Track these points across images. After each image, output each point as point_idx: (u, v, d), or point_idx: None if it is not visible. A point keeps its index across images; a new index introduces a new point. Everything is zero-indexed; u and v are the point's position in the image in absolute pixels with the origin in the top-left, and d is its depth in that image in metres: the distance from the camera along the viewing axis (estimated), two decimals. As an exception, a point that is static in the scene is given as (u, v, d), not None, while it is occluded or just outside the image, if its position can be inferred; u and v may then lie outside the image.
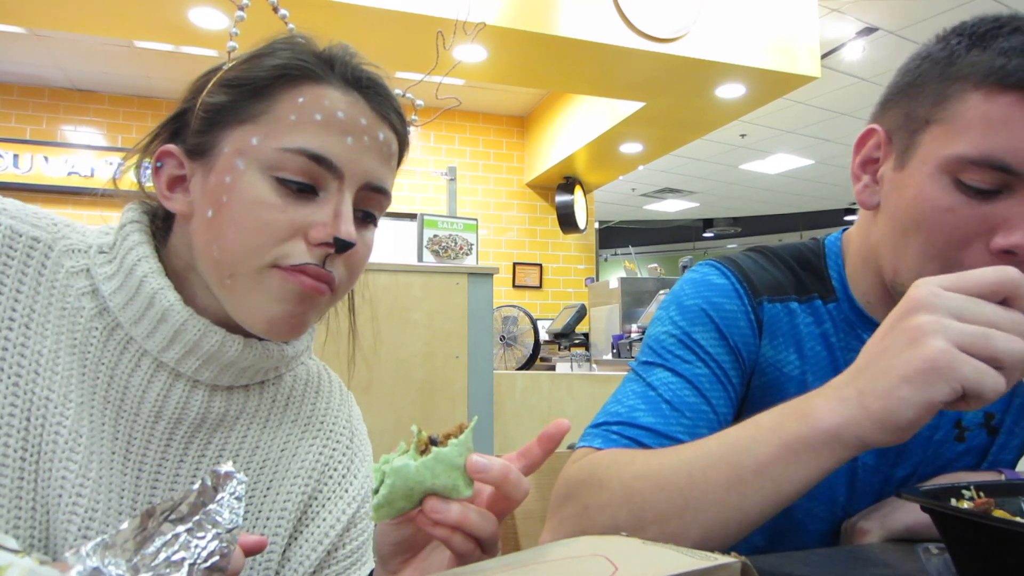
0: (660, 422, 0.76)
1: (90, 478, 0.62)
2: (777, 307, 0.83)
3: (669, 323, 0.83)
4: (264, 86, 0.64)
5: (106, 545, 0.37)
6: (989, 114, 0.65)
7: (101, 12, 3.67)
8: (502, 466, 0.51)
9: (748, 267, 0.85)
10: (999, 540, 0.48)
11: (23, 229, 0.64)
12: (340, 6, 3.54)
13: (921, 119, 0.71)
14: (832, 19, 5.07)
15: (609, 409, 0.80)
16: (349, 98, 0.65)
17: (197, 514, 0.39)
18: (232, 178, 0.63)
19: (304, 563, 0.73)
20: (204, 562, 0.38)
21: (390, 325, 2.84)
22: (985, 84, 0.66)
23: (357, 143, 0.64)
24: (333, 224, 0.63)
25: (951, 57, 0.70)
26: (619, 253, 13.18)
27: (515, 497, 0.52)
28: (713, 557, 0.39)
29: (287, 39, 0.68)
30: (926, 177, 0.70)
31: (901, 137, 0.74)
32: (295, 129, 0.62)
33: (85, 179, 5.79)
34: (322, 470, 0.76)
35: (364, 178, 0.65)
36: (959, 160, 0.67)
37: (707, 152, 7.90)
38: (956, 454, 0.84)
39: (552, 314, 6.35)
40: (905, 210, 0.72)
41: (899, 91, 0.76)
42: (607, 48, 4.05)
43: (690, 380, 0.78)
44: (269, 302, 0.63)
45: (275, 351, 0.70)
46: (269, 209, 0.62)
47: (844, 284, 0.85)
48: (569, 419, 0.53)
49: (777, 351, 0.83)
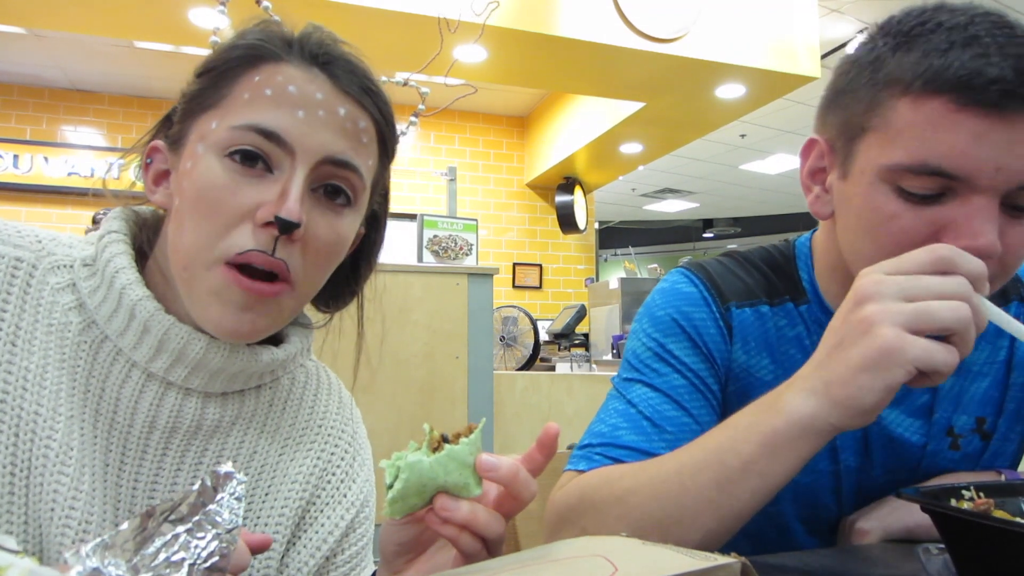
0: (642, 439, 0.77)
1: (83, 491, 0.61)
2: (746, 312, 0.83)
3: (644, 335, 0.85)
4: (227, 70, 0.63)
5: (106, 545, 0.37)
6: (919, 120, 0.64)
7: (101, 12, 3.67)
8: (512, 465, 0.51)
9: (717, 272, 0.86)
10: (999, 540, 0.48)
11: (5, 251, 0.63)
12: (343, 7, 3.54)
13: (857, 127, 0.70)
14: (832, 19, 5.07)
15: (593, 429, 0.82)
16: (306, 74, 0.63)
17: (197, 514, 0.39)
18: (192, 163, 0.62)
19: (303, 569, 0.72)
20: (204, 562, 0.38)
21: (390, 325, 2.84)
22: (912, 90, 0.64)
23: (310, 116, 0.62)
24: (278, 202, 0.60)
25: (877, 61, 0.68)
26: (619, 253, 13.17)
27: (523, 497, 0.52)
28: (713, 557, 0.39)
29: (258, 24, 0.67)
30: (867, 186, 0.69)
31: (840, 145, 0.73)
32: (247, 107, 0.61)
33: (85, 179, 5.79)
34: (320, 475, 0.75)
35: (320, 152, 0.62)
36: (896, 168, 0.66)
37: (707, 152, 7.90)
38: (951, 462, 0.84)
39: (552, 314, 6.35)
40: (855, 219, 0.72)
41: (833, 99, 0.74)
42: (607, 48, 4.05)
43: (668, 394, 0.80)
44: (216, 303, 0.61)
45: (264, 355, 0.68)
46: (219, 191, 0.60)
47: (815, 286, 0.85)
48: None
49: (749, 356, 0.83)
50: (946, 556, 0.55)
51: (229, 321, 0.61)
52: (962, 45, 0.62)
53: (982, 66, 0.60)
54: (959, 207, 0.64)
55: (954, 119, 0.62)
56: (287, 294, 0.63)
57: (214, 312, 0.61)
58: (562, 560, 0.47)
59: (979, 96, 0.60)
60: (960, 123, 0.62)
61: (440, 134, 6.70)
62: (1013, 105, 0.60)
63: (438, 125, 6.66)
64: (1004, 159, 0.62)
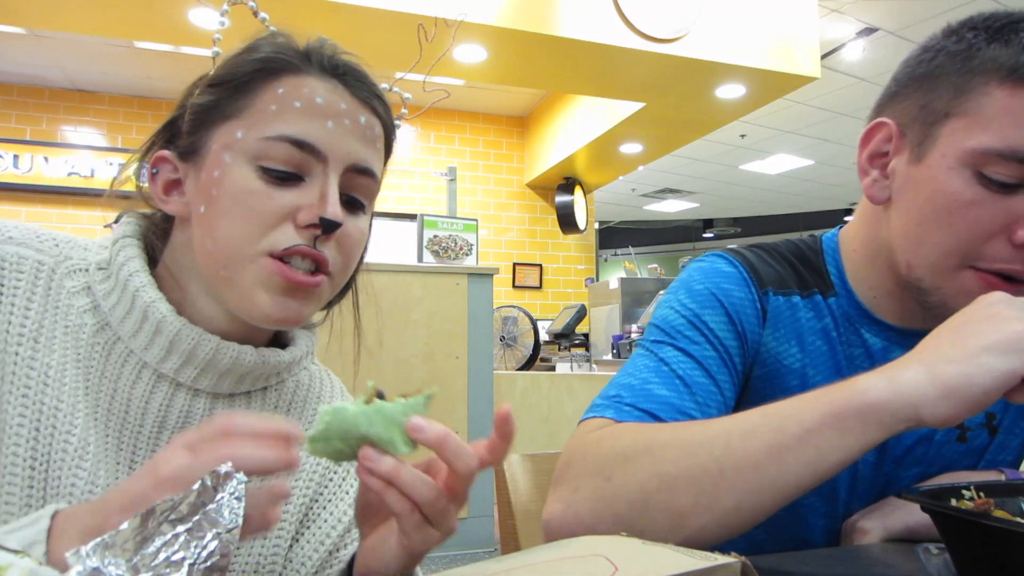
0: (674, 395, 0.74)
1: (98, 485, 0.63)
2: (780, 300, 0.84)
3: (679, 305, 0.83)
4: (246, 82, 0.66)
5: (106, 545, 0.37)
6: (1014, 108, 0.66)
7: (101, 12, 3.68)
8: (441, 430, 0.52)
9: (754, 260, 0.86)
10: (999, 540, 0.48)
11: (28, 254, 0.66)
12: (334, 5, 3.54)
13: (940, 112, 0.71)
14: (832, 19, 5.07)
15: (620, 381, 0.78)
16: (328, 85, 0.67)
17: (197, 514, 0.39)
18: (220, 172, 0.64)
19: (306, 563, 0.73)
20: (204, 562, 0.38)
21: (390, 325, 2.84)
22: (1011, 78, 0.66)
23: (338, 126, 0.65)
24: (319, 205, 0.64)
25: (970, 50, 0.70)
26: (619, 253, 13.18)
27: (458, 467, 0.52)
28: (713, 557, 0.39)
29: (267, 36, 0.70)
30: (947, 170, 0.69)
31: (916, 130, 0.74)
32: (276, 118, 0.64)
33: (85, 179, 5.80)
34: (324, 472, 0.77)
35: (348, 160, 0.66)
36: (984, 153, 0.67)
37: (707, 152, 7.90)
38: (957, 454, 0.84)
39: (552, 314, 6.35)
40: (925, 203, 0.72)
41: (911, 83, 0.75)
42: (607, 48, 4.05)
43: (700, 361, 0.78)
44: (264, 291, 0.64)
45: (271, 357, 0.70)
46: (256, 197, 0.63)
47: (844, 280, 0.85)
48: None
49: (779, 342, 0.83)
50: (946, 556, 0.55)
51: (277, 309, 0.64)
52: None
53: None
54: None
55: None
56: (326, 284, 0.67)
57: (262, 301, 0.64)
58: (562, 560, 0.47)
59: None
60: None
61: (440, 134, 6.71)
62: None
63: (438, 125, 6.67)
64: None
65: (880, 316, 0.83)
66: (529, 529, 1.01)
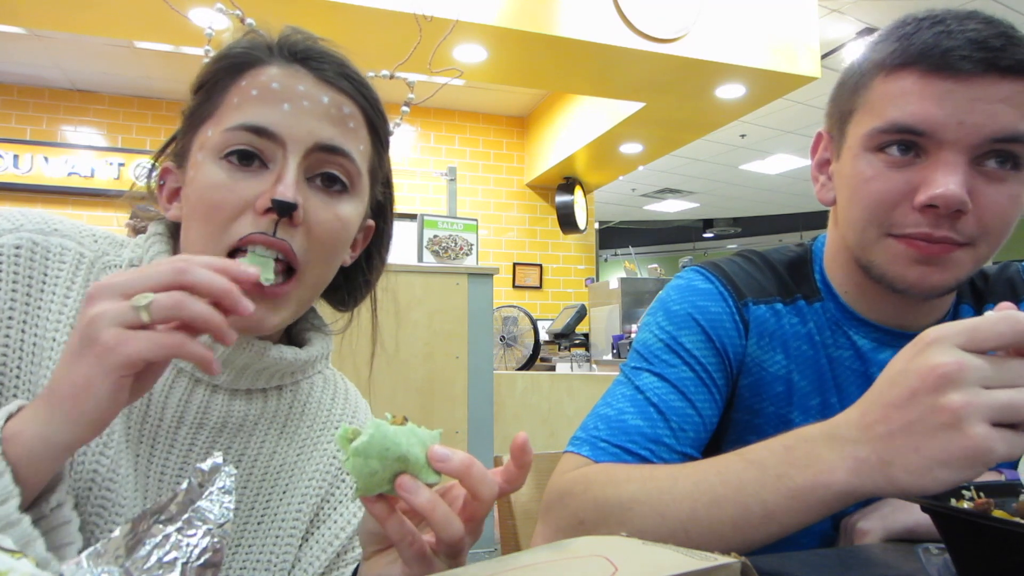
0: (647, 425, 0.79)
1: (119, 474, 0.64)
2: (762, 309, 0.87)
3: (657, 328, 0.87)
4: (216, 82, 0.68)
5: (97, 554, 0.37)
6: (892, 91, 0.74)
7: (101, 12, 3.67)
8: (466, 457, 0.51)
9: (732, 271, 0.90)
10: (999, 540, 0.48)
11: (71, 245, 0.68)
12: (332, 5, 3.54)
13: (847, 112, 0.81)
14: (832, 19, 5.07)
15: (599, 411, 0.83)
16: (288, 71, 0.67)
17: (186, 512, 0.39)
18: (194, 171, 0.66)
19: (314, 563, 0.74)
20: (197, 560, 0.37)
21: (390, 325, 2.84)
22: (885, 68, 0.75)
23: (295, 108, 0.66)
24: (272, 188, 0.63)
25: (863, 54, 0.80)
26: (619, 253, 13.17)
27: (483, 494, 0.51)
28: (713, 557, 0.39)
29: (242, 36, 0.71)
30: (853, 158, 0.79)
31: (836, 133, 0.84)
32: (237, 110, 0.66)
33: (85, 179, 5.79)
34: (335, 473, 0.79)
35: (309, 140, 0.66)
36: (872, 134, 0.75)
37: (707, 152, 7.90)
38: None
39: (552, 314, 6.35)
40: (845, 189, 0.81)
41: (834, 95, 0.85)
42: (607, 48, 4.05)
43: (675, 384, 0.82)
44: None
45: (288, 354, 0.72)
46: (218, 190, 0.64)
47: (827, 283, 0.89)
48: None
49: (763, 351, 0.86)
50: (946, 556, 0.55)
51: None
52: (928, 27, 0.73)
53: (942, 40, 0.71)
54: (930, 165, 0.73)
55: (921, 85, 0.72)
56: (296, 281, 0.66)
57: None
58: (562, 560, 0.47)
59: (939, 62, 0.71)
60: (925, 87, 0.72)
61: (440, 134, 6.70)
62: (969, 67, 0.69)
63: (438, 125, 6.66)
64: (966, 115, 0.70)
65: (866, 317, 0.86)
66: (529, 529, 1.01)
